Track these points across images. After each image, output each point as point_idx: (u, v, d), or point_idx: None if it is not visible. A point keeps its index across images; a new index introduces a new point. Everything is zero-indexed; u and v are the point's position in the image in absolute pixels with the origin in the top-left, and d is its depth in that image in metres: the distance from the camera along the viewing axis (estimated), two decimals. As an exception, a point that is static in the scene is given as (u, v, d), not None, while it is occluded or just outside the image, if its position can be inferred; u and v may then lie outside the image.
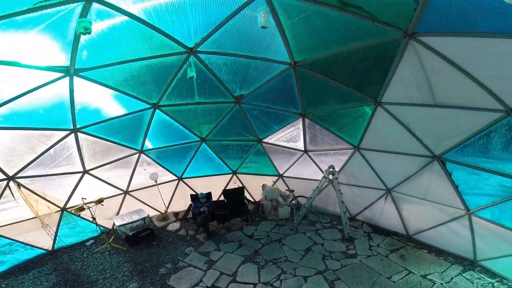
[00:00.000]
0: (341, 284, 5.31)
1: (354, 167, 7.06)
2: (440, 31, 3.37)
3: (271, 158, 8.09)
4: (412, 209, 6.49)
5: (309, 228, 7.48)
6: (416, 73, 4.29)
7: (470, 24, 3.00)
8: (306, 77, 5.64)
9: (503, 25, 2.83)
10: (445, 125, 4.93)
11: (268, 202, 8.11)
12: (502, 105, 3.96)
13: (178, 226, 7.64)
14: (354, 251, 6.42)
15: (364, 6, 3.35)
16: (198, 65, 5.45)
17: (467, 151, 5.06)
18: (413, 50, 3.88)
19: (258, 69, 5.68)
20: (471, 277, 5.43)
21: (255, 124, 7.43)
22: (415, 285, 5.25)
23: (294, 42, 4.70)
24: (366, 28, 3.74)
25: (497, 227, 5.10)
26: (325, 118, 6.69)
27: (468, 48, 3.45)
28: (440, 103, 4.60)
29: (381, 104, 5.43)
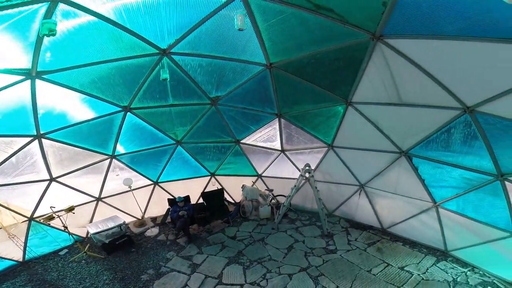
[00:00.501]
0: (324, 279, 5.49)
1: (329, 164, 7.32)
2: (405, 34, 3.62)
3: (249, 158, 8.14)
4: (384, 203, 6.88)
5: (289, 226, 7.63)
6: (383, 74, 4.57)
7: (433, 27, 3.26)
8: (281, 78, 5.76)
9: (463, 29, 3.10)
10: (410, 123, 5.29)
11: (249, 203, 8.15)
12: (460, 103, 4.33)
13: (157, 232, 7.46)
14: (334, 247, 6.66)
15: (336, 9, 3.52)
16: (172, 67, 5.35)
17: (431, 146, 5.46)
18: (380, 52, 4.14)
19: (235, 70, 5.70)
20: (444, 267, 5.84)
21: (232, 125, 7.43)
22: (394, 277, 5.55)
23: (270, 43, 4.79)
24: (337, 31, 3.92)
25: (462, 218, 5.56)
26: (299, 118, 6.87)
27: (430, 50, 3.73)
28: (405, 102, 4.93)
29: (351, 103, 5.70)
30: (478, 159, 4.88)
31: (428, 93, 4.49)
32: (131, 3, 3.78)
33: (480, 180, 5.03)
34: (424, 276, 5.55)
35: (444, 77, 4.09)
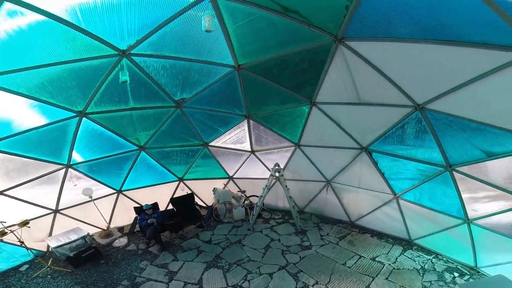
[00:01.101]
0: (304, 275, 5.66)
1: (296, 163, 7.55)
2: (364, 37, 3.88)
3: (219, 161, 8.05)
4: (350, 197, 7.30)
5: (264, 226, 7.74)
6: (343, 75, 4.84)
7: (388, 30, 3.54)
8: (249, 80, 5.80)
9: (414, 32, 3.41)
10: (369, 120, 5.68)
11: (222, 205, 8.08)
12: (411, 101, 4.76)
13: (126, 241, 7.06)
14: (309, 243, 6.91)
15: (302, 12, 3.66)
16: (132, 69, 5.07)
17: (388, 141, 5.92)
18: (341, 54, 4.38)
19: (201, 72, 5.59)
20: (411, 255, 6.35)
21: (200, 128, 7.29)
22: (368, 268, 5.90)
23: (238, 45, 4.81)
24: (302, 33, 4.08)
25: (420, 207, 6.11)
26: (267, 119, 6.98)
27: (385, 52, 4.04)
28: (364, 101, 5.28)
29: (315, 104, 5.95)
30: (429, 152, 5.40)
31: (383, 93, 4.86)
32: (88, 2, 3.50)
33: (432, 171, 5.57)
34: (395, 265, 5.98)
35: (398, 77, 4.47)
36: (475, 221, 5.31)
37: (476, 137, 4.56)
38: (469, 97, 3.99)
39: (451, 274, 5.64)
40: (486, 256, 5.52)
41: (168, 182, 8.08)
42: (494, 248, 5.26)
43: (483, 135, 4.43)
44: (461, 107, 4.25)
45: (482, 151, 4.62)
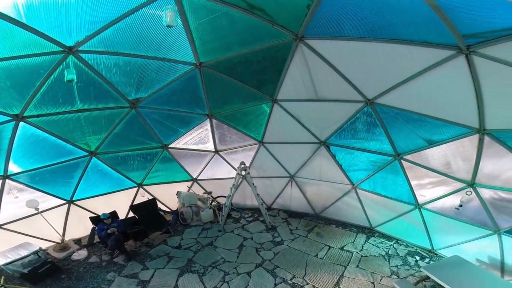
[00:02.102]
0: (281, 271, 5.77)
1: (261, 160, 7.68)
2: (322, 36, 4.13)
3: (181, 163, 7.76)
4: (313, 190, 7.68)
5: (235, 226, 7.70)
6: (302, 73, 5.09)
7: (344, 30, 3.84)
8: (211, 78, 5.71)
9: (365, 32, 3.71)
10: (326, 116, 6.07)
11: (188, 209, 7.82)
12: (363, 97, 5.19)
13: (86, 254, 6.48)
14: (280, 238, 7.06)
15: (267, 9, 3.73)
16: (80, 67, 4.62)
17: (343, 135, 6.37)
18: (301, 52, 4.60)
19: (159, 70, 5.34)
20: (375, 242, 6.86)
21: (158, 129, 6.93)
22: (338, 258, 6.23)
23: (200, 42, 4.71)
24: (265, 31, 4.18)
25: (376, 196, 6.67)
26: (231, 117, 6.96)
27: (340, 50, 4.36)
28: (321, 97, 5.62)
29: (277, 101, 6.13)
30: (379, 143, 5.95)
31: (338, 89, 5.24)
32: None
33: (383, 161, 6.14)
34: (362, 253, 6.42)
35: (350, 74, 4.85)
36: (425, 205, 5.96)
37: (418, 128, 5.17)
38: (412, 91, 4.50)
39: (413, 258, 6.24)
40: (439, 239, 6.18)
41: (126, 189, 7.53)
42: (445, 230, 5.94)
43: (424, 125, 5.05)
44: (405, 100, 4.78)
45: (424, 139, 5.25)
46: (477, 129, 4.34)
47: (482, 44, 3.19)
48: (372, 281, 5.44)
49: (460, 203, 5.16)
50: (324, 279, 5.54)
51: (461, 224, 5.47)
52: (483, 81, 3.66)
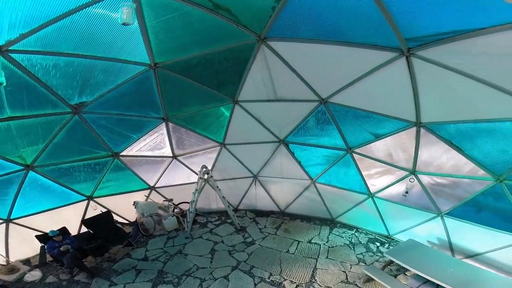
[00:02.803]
0: (257, 270, 5.78)
1: (223, 162, 7.56)
2: (284, 37, 4.23)
3: (135, 171, 7.16)
4: (276, 188, 7.87)
5: (203, 231, 7.45)
6: (263, 73, 5.17)
7: (302, 33, 3.98)
8: (167, 79, 5.39)
9: (323, 34, 3.92)
10: (285, 115, 6.27)
11: (148, 219, 7.26)
12: (317, 96, 5.49)
13: (41, 274, 5.72)
14: (251, 238, 7.04)
15: (233, 10, 3.65)
16: (10, 68, 3.92)
17: (300, 132, 6.68)
18: (263, 53, 4.66)
19: (108, 71, 4.83)
20: (338, 233, 7.25)
21: (106, 137, 6.28)
22: (308, 251, 6.45)
23: (157, 42, 4.39)
24: (229, 31, 4.09)
25: (333, 188, 7.10)
26: (189, 120, 6.69)
27: (299, 52, 4.53)
28: (280, 97, 5.78)
29: (238, 102, 6.11)
30: (333, 138, 6.36)
31: (296, 89, 5.45)
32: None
33: (336, 155, 6.59)
34: (329, 244, 6.76)
35: (307, 75, 5.09)
36: (376, 194, 6.56)
37: (366, 123, 5.68)
38: (360, 90, 4.89)
39: (374, 244, 6.79)
40: (393, 224, 6.84)
41: (74, 203, 6.68)
42: (397, 216, 6.59)
43: (371, 121, 5.56)
44: (355, 99, 5.19)
45: (371, 133, 5.79)
46: (414, 123, 4.95)
47: (421, 47, 3.65)
48: (344, 270, 5.80)
49: (406, 190, 5.83)
50: (300, 273, 5.72)
51: (409, 210, 6.16)
52: (419, 81, 4.18)
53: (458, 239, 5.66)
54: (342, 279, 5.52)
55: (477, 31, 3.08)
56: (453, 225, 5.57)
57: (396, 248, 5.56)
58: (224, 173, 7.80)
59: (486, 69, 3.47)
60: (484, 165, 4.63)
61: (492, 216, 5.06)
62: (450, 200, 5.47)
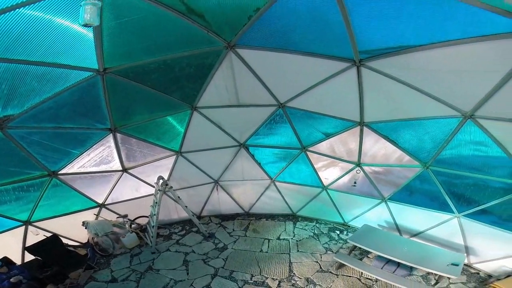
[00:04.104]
0: (238, 274, 5.69)
1: (181, 171, 7.08)
2: (253, 46, 4.20)
3: (79, 189, 6.10)
4: (239, 190, 7.78)
5: (169, 243, 6.89)
6: (227, 80, 5.04)
7: (271, 42, 3.99)
8: (116, 86, 4.73)
9: (288, 44, 4.03)
10: (246, 120, 6.27)
11: (104, 238, 6.27)
12: (276, 101, 5.65)
13: None
14: (222, 244, 6.79)
15: (207, 16, 3.39)
16: None
17: (259, 135, 6.75)
18: (229, 60, 4.53)
19: (43, 78, 3.99)
20: (302, 226, 7.50)
21: (40, 155, 5.19)
22: (280, 247, 6.57)
23: (111, 45, 3.78)
24: (197, 37, 3.82)
25: (292, 185, 7.39)
26: (141, 130, 6.02)
27: (264, 59, 4.56)
28: (242, 103, 5.74)
29: (197, 108, 5.80)
30: (289, 139, 6.63)
31: (258, 95, 5.50)
32: None
33: (293, 154, 6.89)
34: (296, 238, 6.96)
35: (269, 81, 5.18)
36: (329, 186, 7.06)
37: (318, 124, 6.11)
38: (315, 95, 5.19)
39: (335, 232, 7.26)
40: (347, 212, 7.41)
41: (9, 230, 5.39)
42: (349, 205, 7.18)
43: (323, 122, 6.01)
44: (309, 103, 5.50)
45: (322, 133, 6.26)
46: (358, 122, 5.55)
47: (370, 58, 4.10)
48: (316, 261, 6.10)
49: (355, 181, 6.51)
50: (278, 269, 5.83)
51: (359, 198, 6.82)
52: (365, 87, 4.67)
53: (402, 220, 6.54)
54: (317, 269, 5.83)
55: (416, 47, 3.64)
56: (396, 208, 6.42)
57: (355, 234, 6.13)
58: (183, 181, 7.32)
59: (419, 79, 4.10)
60: (414, 155, 5.48)
61: (423, 198, 6.06)
62: (390, 187, 6.31)
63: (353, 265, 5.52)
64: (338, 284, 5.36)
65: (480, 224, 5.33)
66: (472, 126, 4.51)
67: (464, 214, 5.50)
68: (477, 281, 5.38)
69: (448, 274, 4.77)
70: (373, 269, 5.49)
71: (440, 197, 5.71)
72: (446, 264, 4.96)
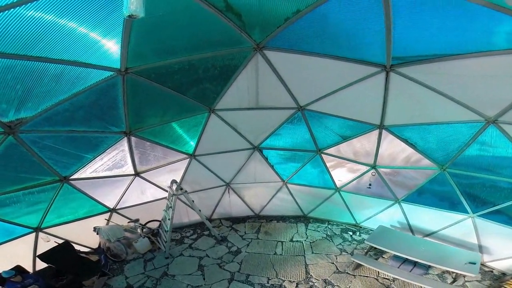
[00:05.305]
0: (254, 277, 5.47)
1: (193, 174, 6.73)
2: (282, 48, 3.93)
3: (90, 194, 5.70)
4: (250, 193, 7.47)
5: (181, 248, 6.55)
6: (250, 82, 4.77)
7: (301, 45, 3.74)
8: (137, 87, 4.38)
9: (319, 48, 3.79)
10: (263, 122, 5.99)
11: (117, 243, 5.91)
12: (296, 104, 5.42)
13: None
14: (235, 247, 6.49)
15: (244, 15, 3.09)
16: None
17: (274, 138, 6.48)
18: (255, 61, 4.27)
19: (61, 77, 3.63)
20: (314, 227, 7.25)
21: (52, 160, 4.80)
22: (294, 250, 6.34)
23: (138, 43, 3.41)
24: (228, 37, 3.53)
25: (304, 187, 7.15)
26: (156, 133, 5.67)
27: (290, 62, 4.30)
28: (261, 105, 5.47)
29: (214, 111, 5.51)
30: (305, 142, 6.39)
31: (278, 97, 5.25)
32: None
33: (307, 157, 6.66)
34: (309, 240, 6.71)
35: (292, 84, 4.94)
36: (342, 188, 6.84)
37: (337, 127, 5.89)
38: (337, 99, 4.97)
39: (347, 234, 7.02)
40: (359, 213, 7.21)
41: (19, 237, 5.00)
42: (361, 206, 6.97)
43: (341, 125, 5.80)
44: (329, 106, 5.28)
45: (340, 135, 6.06)
46: (378, 125, 5.37)
47: (401, 64, 3.92)
48: (332, 262, 5.88)
49: (370, 183, 6.34)
50: (294, 272, 5.59)
51: (372, 199, 6.64)
52: (391, 91, 4.51)
53: (415, 221, 6.39)
54: (333, 270, 5.62)
55: (449, 56, 3.50)
56: (409, 209, 6.27)
57: (372, 235, 5.94)
58: (195, 184, 6.97)
59: (446, 84, 3.96)
60: (431, 157, 5.34)
61: (437, 199, 5.93)
62: (405, 188, 6.16)
63: (371, 266, 5.35)
64: (356, 285, 5.19)
65: (494, 223, 5.23)
66: (494, 130, 4.42)
67: (478, 214, 5.42)
68: (492, 278, 5.28)
69: (467, 272, 4.65)
70: (391, 268, 5.32)
71: (455, 198, 5.59)
72: (464, 263, 4.85)
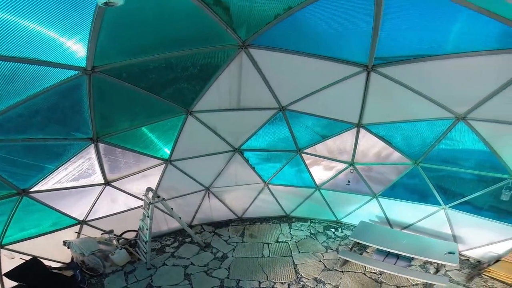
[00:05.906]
0: (244, 282, 5.31)
1: (170, 180, 6.29)
2: (268, 46, 3.76)
3: (55, 207, 5.04)
4: (231, 196, 7.21)
5: (163, 257, 6.15)
6: (232, 81, 4.53)
7: (288, 44, 3.61)
8: (104, 88, 3.94)
9: (306, 48, 3.68)
10: (244, 123, 5.80)
11: (91, 257, 5.28)
12: (278, 104, 5.32)
13: None
14: (221, 253, 6.22)
15: (232, 9, 2.85)
16: None
17: (255, 139, 6.31)
18: (240, 60, 4.04)
19: (15, 78, 3.09)
20: (297, 227, 7.17)
21: (6, 173, 4.17)
22: (281, 250, 6.26)
23: (108, 39, 3.00)
24: (212, 33, 3.26)
25: (285, 187, 7.07)
26: (127, 138, 5.18)
27: (274, 61, 4.16)
28: (242, 106, 5.26)
29: (192, 113, 5.19)
30: (285, 142, 6.31)
31: (260, 97, 5.10)
32: None
33: (287, 157, 6.59)
34: (294, 240, 6.64)
35: (275, 84, 4.81)
36: (322, 186, 6.88)
37: (317, 126, 5.91)
38: (318, 99, 4.96)
39: (330, 231, 7.04)
40: (339, 210, 7.27)
41: None
42: (341, 203, 7.06)
43: (321, 124, 5.84)
44: (310, 106, 5.26)
45: (319, 135, 6.07)
46: (356, 124, 5.47)
47: (382, 64, 3.98)
48: (319, 260, 5.86)
49: (348, 180, 6.46)
50: (284, 273, 5.51)
51: (351, 195, 6.75)
52: (370, 90, 4.57)
53: (392, 214, 6.62)
54: (322, 268, 5.62)
55: (429, 56, 3.60)
56: (387, 203, 6.48)
57: (355, 231, 6.02)
58: (172, 191, 6.53)
59: (423, 84, 4.09)
60: (406, 153, 5.58)
61: (412, 192, 6.20)
62: (381, 184, 6.36)
63: (358, 261, 5.43)
64: (346, 281, 5.24)
65: (465, 214, 5.59)
66: (463, 126, 4.70)
67: (450, 205, 5.76)
68: (469, 267, 5.61)
69: (448, 262, 4.89)
70: (378, 262, 5.43)
71: (428, 190, 5.88)
72: (443, 253, 5.11)
